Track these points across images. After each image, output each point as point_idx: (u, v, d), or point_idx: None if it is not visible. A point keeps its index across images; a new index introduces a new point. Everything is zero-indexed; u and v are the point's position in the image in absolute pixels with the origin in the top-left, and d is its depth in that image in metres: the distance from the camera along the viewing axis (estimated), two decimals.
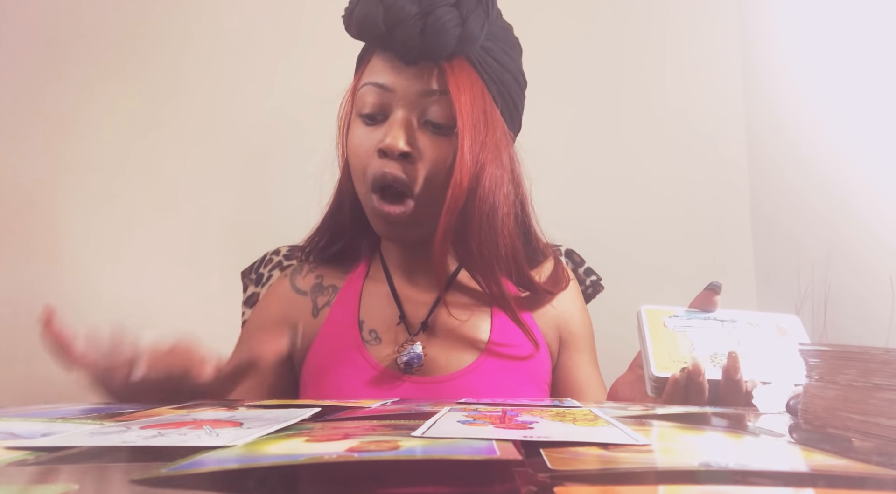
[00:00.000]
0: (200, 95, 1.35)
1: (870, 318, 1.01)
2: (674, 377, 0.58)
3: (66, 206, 1.30)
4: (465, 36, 0.66)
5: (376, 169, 0.68)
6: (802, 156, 1.21)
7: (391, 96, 0.68)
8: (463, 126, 0.66)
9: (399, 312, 0.75)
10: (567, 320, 0.79)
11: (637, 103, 1.40)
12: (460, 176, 0.66)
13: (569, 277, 0.81)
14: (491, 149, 0.69)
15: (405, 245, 0.77)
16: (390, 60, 0.68)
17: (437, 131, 0.68)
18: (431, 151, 0.68)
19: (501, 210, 0.70)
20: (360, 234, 0.80)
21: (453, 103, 0.66)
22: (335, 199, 0.79)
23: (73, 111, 1.32)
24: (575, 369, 0.78)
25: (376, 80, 0.69)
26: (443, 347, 0.73)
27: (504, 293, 0.73)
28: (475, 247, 0.70)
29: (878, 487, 0.26)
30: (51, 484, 0.23)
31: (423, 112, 0.68)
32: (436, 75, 0.67)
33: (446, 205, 0.66)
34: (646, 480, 0.26)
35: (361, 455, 0.26)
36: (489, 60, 0.70)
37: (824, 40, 1.15)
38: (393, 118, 0.68)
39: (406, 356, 0.71)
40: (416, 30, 0.65)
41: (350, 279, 0.79)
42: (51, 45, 1.33)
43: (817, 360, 0.39)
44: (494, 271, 0.72)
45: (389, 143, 0.66)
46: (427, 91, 0.67)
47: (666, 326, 0.63)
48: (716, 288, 0.65)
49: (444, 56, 0.67)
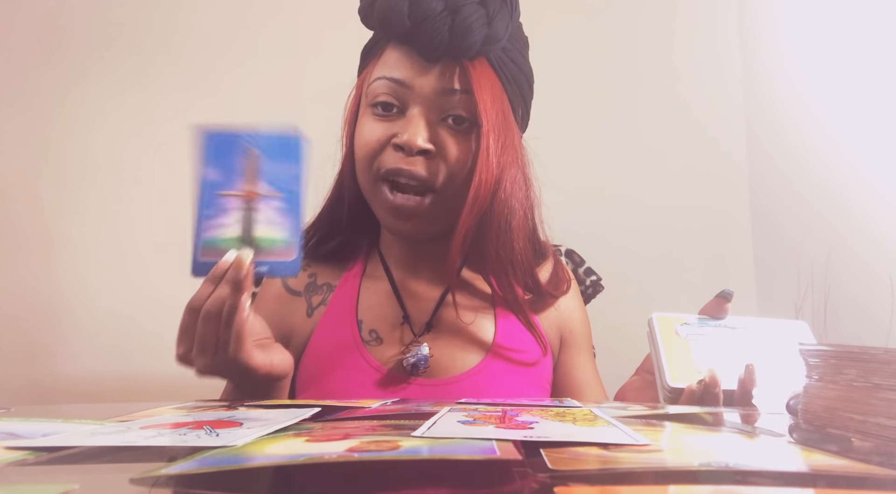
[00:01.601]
0: (201, 94, 1.35)
1: (870, 318, 1.01)
2: (690, 388, 0.57)
3: (66, 206, 1.30)
4: (491, 35, 0.65)
5: (391, 163, 0.66)
6: (802, 155, 1.21)
7: (407, 92, 0.66)
8: (488, 127, 0.65)
9: (402, 311, 0.73)
10: (568, 320, 0.79)
11: (636, 103, 1.40)
12: (485, 177, 0.65)
13: (569, 277, 0.80)
14: (511, 152, 0.69)
15: (410, 241, 0.75)
16: (408, 55, 0.66)
17: (457, 128, 0.67)
18: (452, 148, 0.66)
19: (518, 213, 0.70)
20: (357, 232, 0.78)
21: (477, 103, 0.65)
22: (333, 194, 0.77)
23: (73, 111, 1.32)
24: (575, 368, 0.78)
25: (392, 74, 0.67)
26: (448, 348, 0.72)
27: (518, 297, 0.72)
28: (493, 250, 0.69)
29: (878, 487, 0.26)
30: (51, 484, 0.23)
31: (441, 109, 0.66)
32: (457, 74, 0.66)
33: (468, 206, 0.65)
34: (646, 480, 0.26)
35: (361, 455, 0.26)
36: (507, 61, 0.69)
37: (824, 40, 1.15)
38: (410, 113, 0.66)
39: (413, 357, 0.69)
40: (445, 27, 0.63)
41: (346, 277, 0.77)
42: (51, 46, 1.33)
43: (817, 360, 0.39)
44: (509, 274, 0.71)
45: (408, 140, 0.64)
46: (448, 89, 0.66)
47: (678, 334, 0.63)
48: (727, 295, 0.65)
49: (468, 55, 0.65)
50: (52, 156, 1.31)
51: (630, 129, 1.40)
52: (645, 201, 1.38)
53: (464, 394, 0.68)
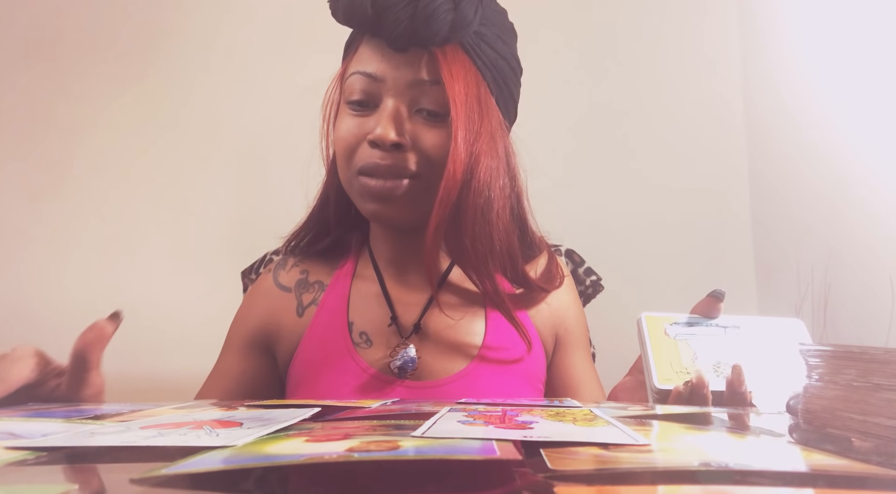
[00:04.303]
0: (201, 95, 1.35)
1: (870, 318, 1.00)
2: (677, 389, 0.56)
3: (66, 206, 1.30)
4: (458, 21, 0.63)
5: (366, 158, 0.66)
6: (802, 155, 1.21)
7: (380, 85, 0.66)
8: (457, 115, 0.64)
9: (391, 313, 0.73)
10: (562, 317, 0.78)
11: (636, 103, 1.40)
12: (454, 167, 0.64)
13: (563, 273, 0.79)
14: (486, 140, 0.66)
15: (395, 235, 0.75)
16: (379, 48, 0.66)
17: (431, 119, 0.66)
18: (426, 139, 0.66)
19: (497, 203, 0.68)
20: (347, 230, 0.78)
21: (447, 92, 0.64)
22: (321, 194, 0.78)
23: (73, 111, 1.32)
24: (572, 367, 0.77)
25: (364, 68, 0.66)
26: (435, 351, 0.71)
27: (498, 290, 0.70)
28: (468, 242, 0.67)
29: (878, 487, 0.26)
30: (51, 484, 0.23)
31: (414, 100, 0.66)
32: (427, 63, 0.65)
33: (439, 197, 0.64)
34: (646, 480, 0.26)
35: (361, 455, 0.26)
36: (483, 47, 0.67)
37: (824, 39, 1.15)
38: (383, 107, 0.66)
39: (400, 360, 0.69)
40: (406, 14, 0.62)
41: (337, 276, 0.77)
42: (51, 46, 1.33)
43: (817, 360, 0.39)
44: (488, 267, 0.69)
45: (380, 134, 0.64)
46: (418, 80, 0.65)
47: (667, 334, 0.62)
48: (719, 295, 0.63)
49: (435, 42, 0.64)
50: (52, 156, 1.31)
51: (630, 129, 1.40)
52: (644, 201, 1.38)
53: (453, 396, 0.67)
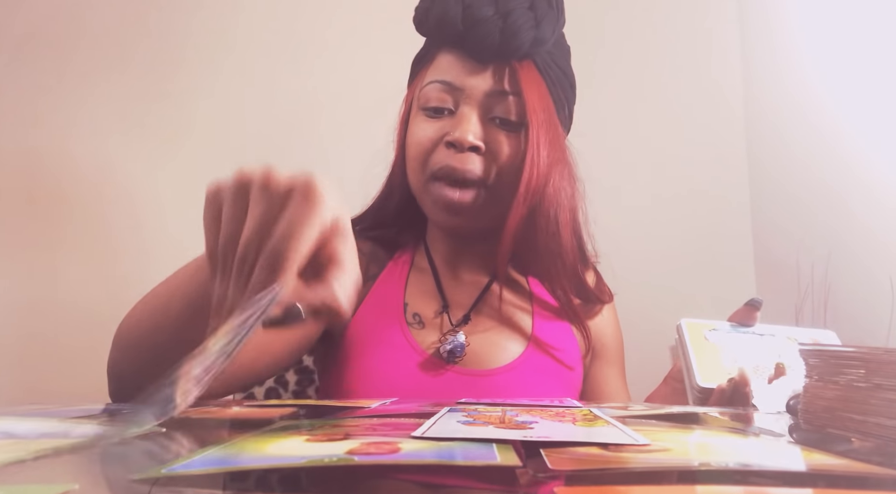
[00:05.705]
0: (204, 96, 1.35)
1: (870, 318, 1.00)
2: (720, 387, 0.58)
3: (66, 206, 1.30)
4: (539, 38, 0.68)
5: (443, 160, 0.69)
6: (802, 156, 1.21)
7: (458, 94, 0.69)
8: (537, 123, 0.68)
9: (443, 301, 0.75)
10: (601, 331, 0.80)
11: (636, 103, 1.40)
12: (535, 171, 0.68)
13: (610, 290, 0.82)
14: (558, 149, 0.72)
15: (456, 237, 0.77)
16: (460, 59, 0.69)
17: (505, 128, 0.70)
18: (501, 147, 0.69)
19: (565, 207, 0.72)
20: (403, 229, 0.81)
21: (525, 102, 0.68)
22: (384, 190, 0.80)
23: (73, 112, 1.32)
24: (604, 381, 0.79)
25: (444, 78, 0.70)
26: (485, 340, 0.73)
27: (567, 292, 0.75)
28: (542, 242, 0.71)
29: (878, 487, 0.26)
30: (51, 484, 0.23)
31: (489, 109, 0.69)
32: (507, 76, 0.69)
33: (519, 199, 0.68)
34: (646, 480, 0.26)
35: (362, 458, 0.26)
36: (551, 64, 0.72)
37: (825, 40, 1.15)
38: (461, 112, 0.69)
39: (450, 344, 0.70)
40: (496, 29, 0.67)
41: (395, 262, 0.79)
42: (51, 46, 1.33)
43: (817, 360, 0.39)
44: (558, 268, 0.73)
45: (459, 136, 0.67)
46: (497, 91, 0.69)
47: (707, 339, 0.64)
48: (757, 304, 0.66)
49: (517, 56, 0.68)
50: (52, 156, 1.31)
51: (629, 130, 1.40)
52: (644, 201, 1.37)
53: (498, 387, 0.69)
